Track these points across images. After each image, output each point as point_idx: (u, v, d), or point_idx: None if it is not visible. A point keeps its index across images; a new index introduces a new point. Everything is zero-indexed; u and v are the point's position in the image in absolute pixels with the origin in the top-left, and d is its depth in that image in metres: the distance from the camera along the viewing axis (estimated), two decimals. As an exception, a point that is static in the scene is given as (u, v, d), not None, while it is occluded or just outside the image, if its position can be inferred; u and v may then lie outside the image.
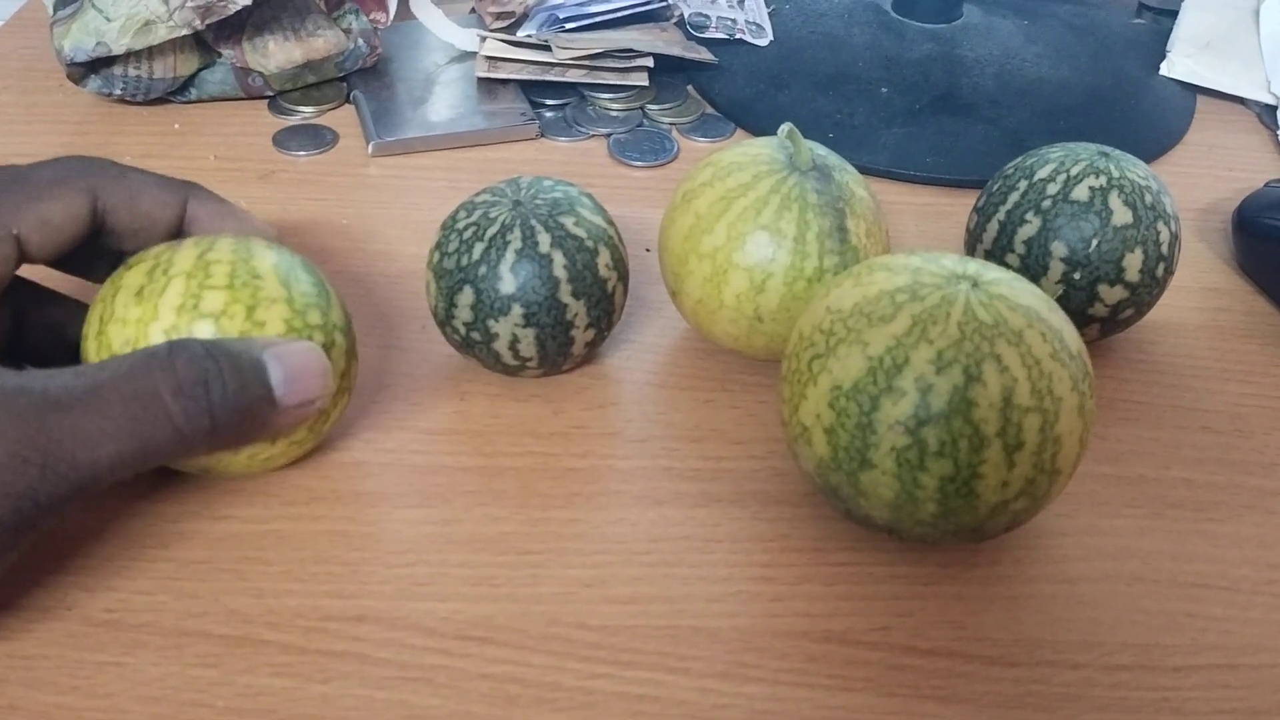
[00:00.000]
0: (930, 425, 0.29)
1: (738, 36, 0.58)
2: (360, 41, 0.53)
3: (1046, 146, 0.40)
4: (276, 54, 0.51)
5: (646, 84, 0.54)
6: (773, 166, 0.36)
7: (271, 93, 0.53)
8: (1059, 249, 0.38)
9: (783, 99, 0.54)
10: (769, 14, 0.60)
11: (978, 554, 0.34)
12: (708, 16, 0.59)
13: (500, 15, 0.56)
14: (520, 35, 0.54)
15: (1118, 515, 0.35)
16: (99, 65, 0.50)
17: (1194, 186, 0.51)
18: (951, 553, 0.34)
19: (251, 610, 0.31)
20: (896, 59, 0.56)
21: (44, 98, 0.53)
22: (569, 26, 0.54)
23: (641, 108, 0.54)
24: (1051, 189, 0.38)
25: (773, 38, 0.58)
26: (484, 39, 0.54)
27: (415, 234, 0.46)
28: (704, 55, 0.55)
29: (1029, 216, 0.38)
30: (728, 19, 0.59)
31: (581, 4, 0.55)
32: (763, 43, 0.58)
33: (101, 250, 0.35)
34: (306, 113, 0.52)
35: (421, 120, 0.51)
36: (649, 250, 0.45)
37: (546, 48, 0.53)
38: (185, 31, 0.48)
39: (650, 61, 0.54)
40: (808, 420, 0.31)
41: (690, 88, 0.56)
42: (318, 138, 0.51)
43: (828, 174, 0.37)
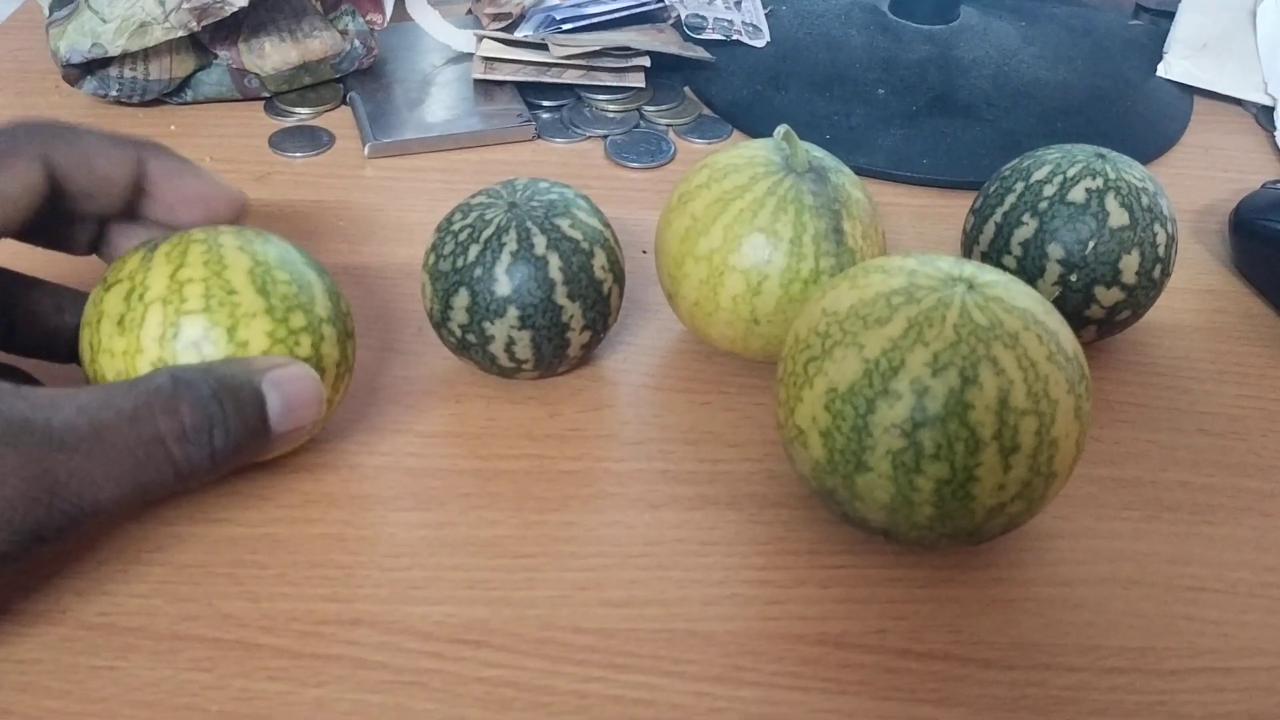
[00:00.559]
0: (926, 428, 0.29)
1: (734, 38, 0.58)
2: (356, 43, 0.53)
3: (1043, 148, 0.40)
4: (272, 55, 0.51)
5: (643, 85, 0.54)
6: (769, 168, 0.36)
7: (267, 94, 0.53)
8: (1055, 251, 0.37)
9: (780, 100, 0.54)
10: (766, 15, 0.60)
11: (974, 557, 0.34)
12: (704, 18, 0.59)
13: (497, 16, 0.56)
14: (517, 36, 0.54)
15: (1114, 518, 0.35)
16: (95, 66, 0.50)
17: (1191, 188, 0.51)
18: (947, 556, 0.34)
19: (246, 614, 0.31)
20: (893, 60, 0.56)
21: (40, 99, 0.53)
22: (565, 28, 0.54)
23: (638, 109, 0.54)
24: (1048, 191, 0.38)
25: (769, 39, 0.58)
26: (480, 40, 0.54)
27: (411, 236, 0.45)
28: (701, 54, 0.55)
29: (1026, 218, 0.38)
30: (724, 20, 0.59)
31: (578, 5, 0.55)
32: (760, 44, 0.58)
33: (64, 216, 0.34)
34: (303, 114, 0.52)
35: (418, 122, 0.51)
36: (645, 252, 0.45)
37: (543, 48, 0.53)
38: (181, 33, 0.48)
39: (647, 62, 0.54)
40: (803, 423, 0.31)
41: (687, 89, 0.56)
42: (314, 139, 0.51)
43: (824, 176, 0.37)
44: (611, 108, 0.53)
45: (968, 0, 0.60)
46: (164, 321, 0.30)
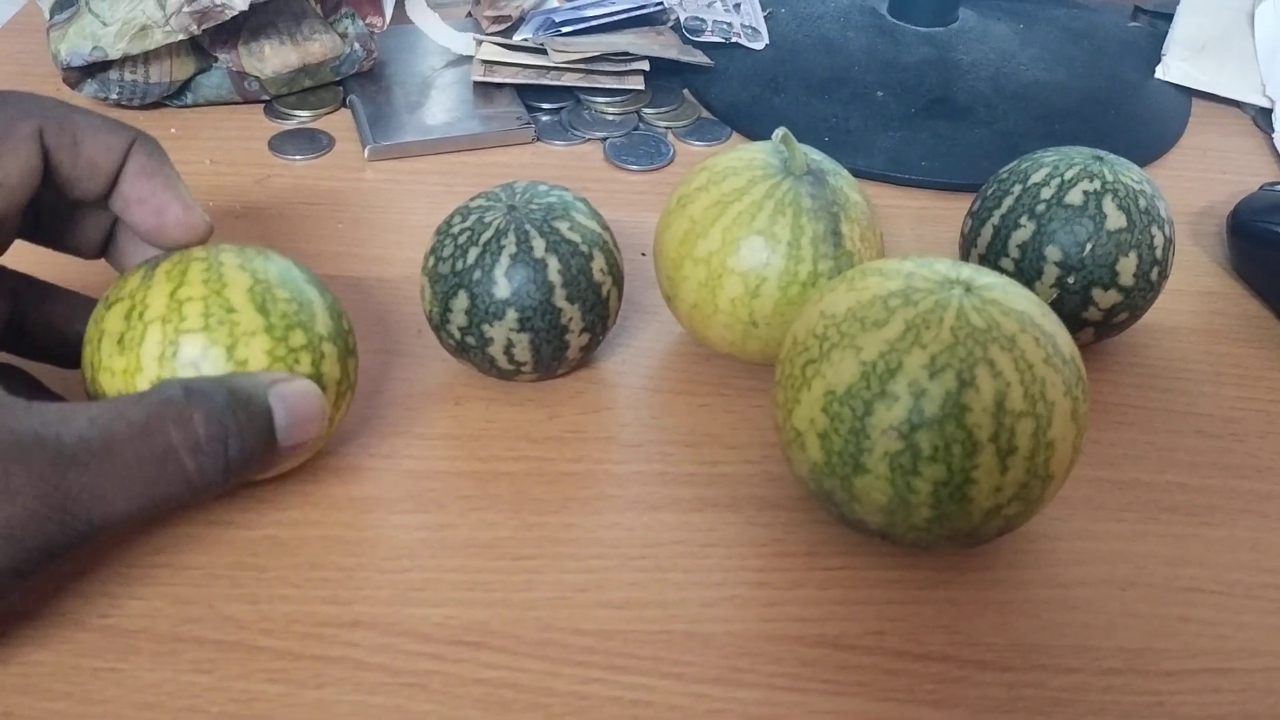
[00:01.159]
0: (923, 430, 0.29)
1: (733, 40, 0.58)
2: (356, 46, 0.53)
3: (1041, 150, 0.40)
4: (272, 58, 0.51)
5: (642, 88, 0.54)
6: (767, 171, 0.37)
7: (267, 97, 0.53)
8: (1053, 253, 0.38)
9: (778, 103, 0.54)
10: (765, 17, 0.60)
11: (971, 559, 0.34)
12: (703, 20, 0.59)
13: (496, 19, 0.56)
14: (516, 39, 0.54)
15: (1111, 519, 0.35)
16: (95, 70, 0.50)
17: (1189, 189, 0.51)
18: (945, 557, 0.34)
19: (246, 616, 0.31)
20: (892, 63, 0.56)
21: (40, 102, 0.53)
22: (565, 30, 0.54)
23: (637, 112, 0.54)
24: (1046, 193, 0.38)
25: (768, 41, 0.58)
26: (480, 43, 0.54)
27: (411, 238, 0.46)
28: (699, 58, 0.55)
29: (1023, 221, 0.38)
30: (723, 23, 0.59)
31: (577, 8, 0.55)
32: (758, 46, 0.58)
33: (52, 204, 0.33)
34: (302, 117, 0.52)
35: (418, 124, 0.51)
36: (644, 254, 0.45)
37: (543, 51, 0.53)
38: (181, 36, 0.48)
39: (646, 65, 0.54)
40: (801, 425, 0.31)
41: (686, 92, 0.56)
42: (314, 142, 0.51)
43: (822, 178, 0.37)
44: (611, 110, 0.53)
45: (966, 2, 0.60)
46: (163, 340, 0.30)
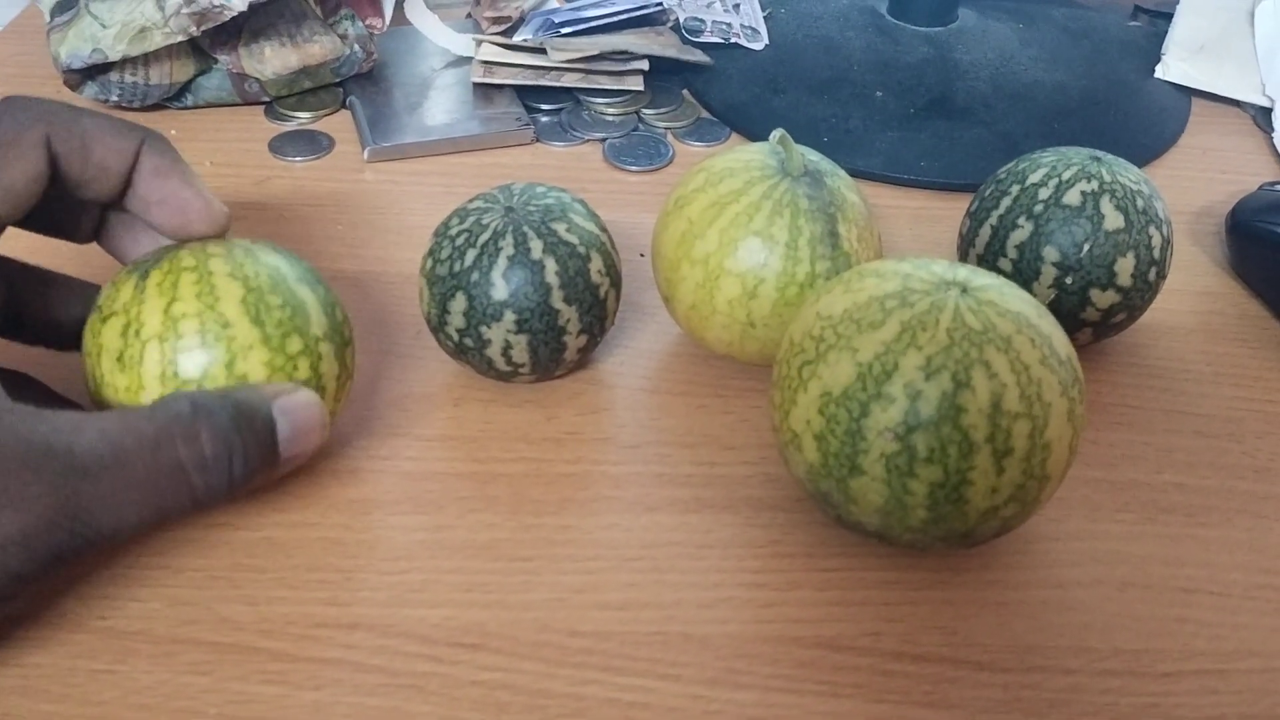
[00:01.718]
0: (919, 431, 0.29)
1: (733, 41, 0.58)
2: (356, 47, 0.53)
3: (1039, 151, 0.40)
4: (272, 60, 0.51)
5: (641, 88, 0.54)
6: (765, 172, 0.37)
7: (267, 98, 0.53)
8: (1051, 254, 0.38)
9: (778, 103, 0.54)
10: (764, 18, 0.60)
11: (968, 560, 0.34)
12: (703, 21, 0.59)
13: (496, 20, 0.56)
14: (516, 40, 0.54)
15: (1109, 520, 0.35)
16: (95, 72, 0.50)
17: (1188, 189, 0.51)
18: (942, 558, 0.34)
19: (244, 617, 0.31)
20: (891, 63, 0.56)
21: (41, 104, 0.53)
22: (564, 31, 0.54)
23: (637, 112, 0.54)
24: (1043, 194, 0.38)
25: (768, 42, 0.58)
26: (479, 44, 0.54)
27: (411, 239, 0.46)
28: (699, 57, 0.55)
29: (1021, 221, 0.38)
30: (723, 23, 0.59)
31: (577, 9, 0.55)
32: (758, 47, 0.58)
33: (60, 203, 0.33)
34: (302, 118, 0.52)
35: (417, 125, 0.51)
36: (643, 255, 0.45)
37: (542, 52, 0.53)
38: (181, 38, 0.48)
39: (645, 65, 0.54)
40: (798, 426, 0.31)
41: (685, 92, 0.56)
42: (314, 143, 0.51)
43: (819, 179, 0.37)
44: (610, 111, 0.54)
45: (966, 2, 0.60)
46: (162, 359, 0.30)
